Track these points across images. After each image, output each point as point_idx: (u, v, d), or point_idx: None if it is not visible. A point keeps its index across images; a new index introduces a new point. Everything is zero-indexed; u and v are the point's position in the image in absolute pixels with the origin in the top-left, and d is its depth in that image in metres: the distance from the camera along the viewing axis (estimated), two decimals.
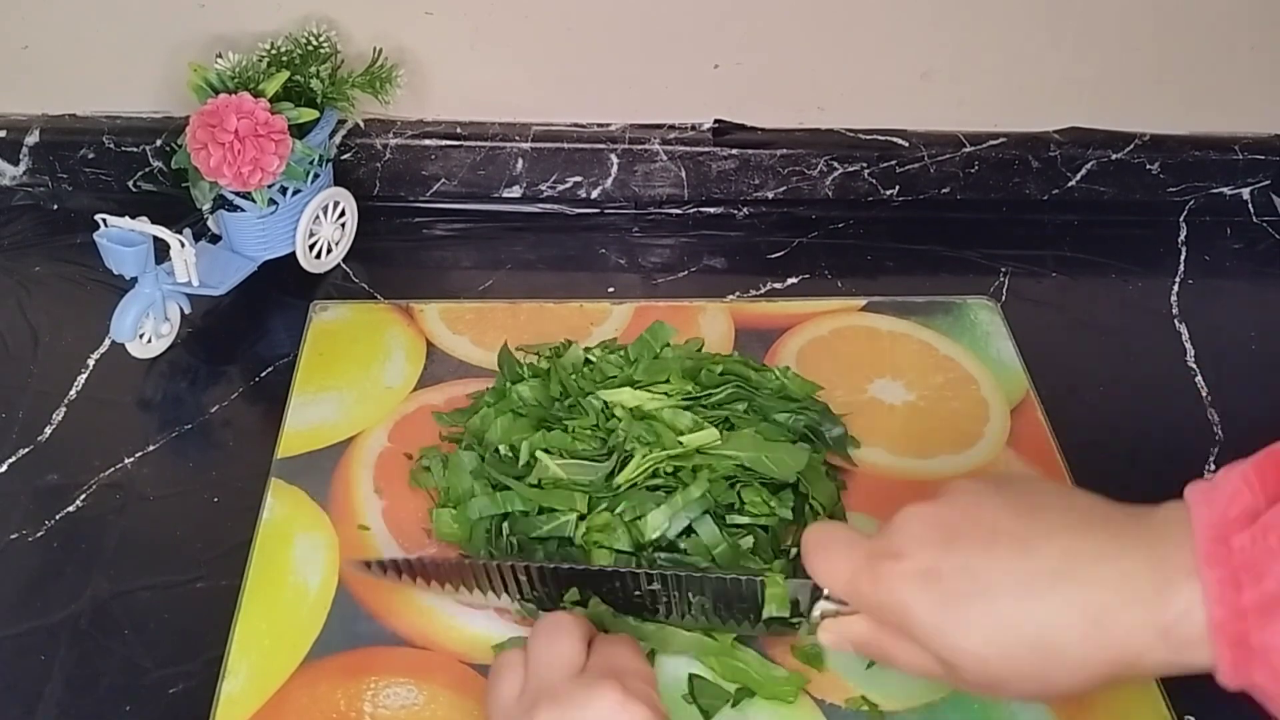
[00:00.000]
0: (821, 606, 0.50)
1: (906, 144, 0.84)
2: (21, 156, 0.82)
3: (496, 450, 0.61)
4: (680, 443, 0.59)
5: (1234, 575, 0.39)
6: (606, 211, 0.85)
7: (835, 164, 0.84)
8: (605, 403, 0.62)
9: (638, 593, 0.54)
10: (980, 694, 0.47)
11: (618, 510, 0.57)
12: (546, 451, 0.60)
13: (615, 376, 0.65)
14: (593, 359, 0.67)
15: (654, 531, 0.57)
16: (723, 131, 0.84)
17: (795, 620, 0.52)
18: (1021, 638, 0.43)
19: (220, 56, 0.72)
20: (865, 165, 0.84)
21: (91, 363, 0.71)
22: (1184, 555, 0.41)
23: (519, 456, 0.60)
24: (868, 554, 0.47)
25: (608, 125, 0.83)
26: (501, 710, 0.47)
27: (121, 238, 0.67)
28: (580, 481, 0.59)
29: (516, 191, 0.85)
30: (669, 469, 0.59)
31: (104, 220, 0.68)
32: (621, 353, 0.68)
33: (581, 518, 0.58)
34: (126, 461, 0.65)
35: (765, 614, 0.52)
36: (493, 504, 0.58)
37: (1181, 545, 0.41)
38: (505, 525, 0.59)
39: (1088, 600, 0.42)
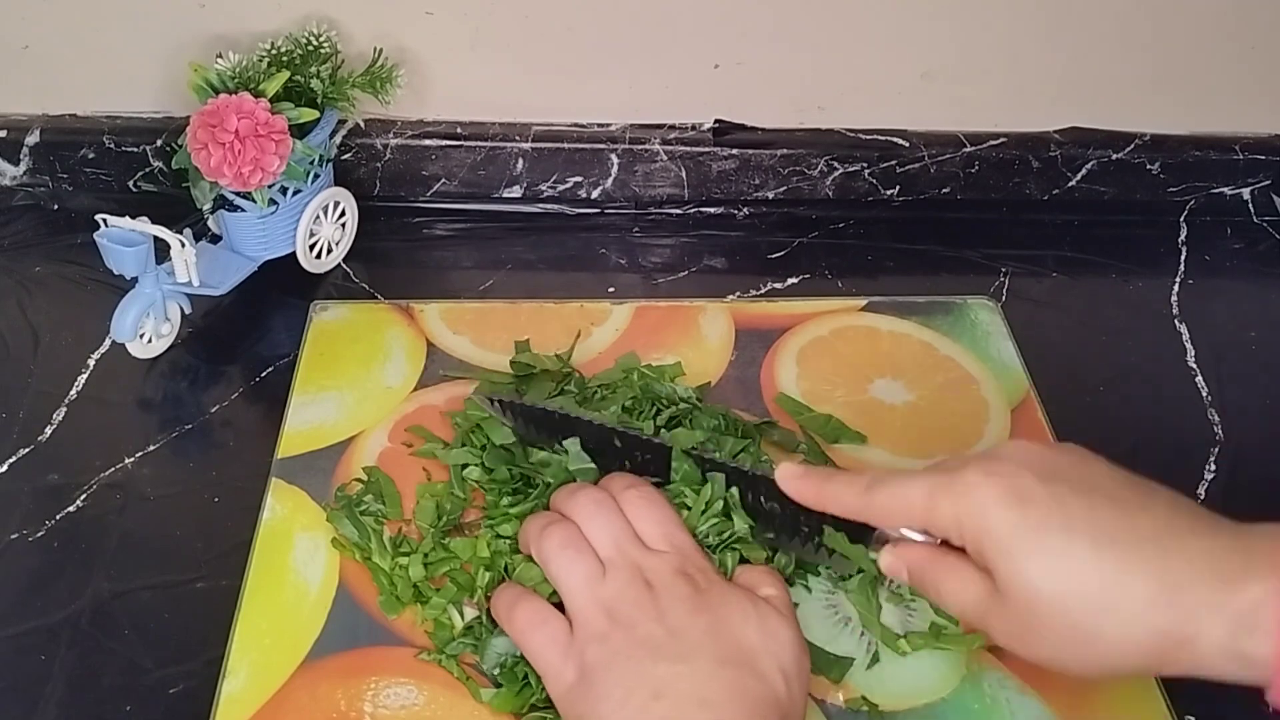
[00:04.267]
0: (883, 532, 0.51)
1: (906, 144, 0.84)
2: (22, 156, 0.82)
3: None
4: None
5: None
6: (607, 211, 0.85)
7: (835, 164, 0.84)
8: None
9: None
10: (1009, 645, 0.46)
11: None
12: None
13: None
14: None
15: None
16: (723, 131, 0.84)
17: (855, 543, 0.53)
18: (1085, 583, 0.42)
19: (220, 56, 0.72)
20: (865, 165, 0.84)
21: (92, 363, 0.71)
22: (1271, 550, 0.41)
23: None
24: (951, 470, 0.47)
25: (608, 125, 0.83)
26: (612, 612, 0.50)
27: (122, 238, 0.67)
28: None
29: (517, 191, 0.85)
30: None
31: (104, 220, 0.68)
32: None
33: None
34: (127, 461, 0.65)
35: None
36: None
37: (1271, 542, 0.41)
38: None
39: (1166, 567, 0.41)
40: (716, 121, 0.84)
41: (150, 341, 0.71)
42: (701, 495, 0.56)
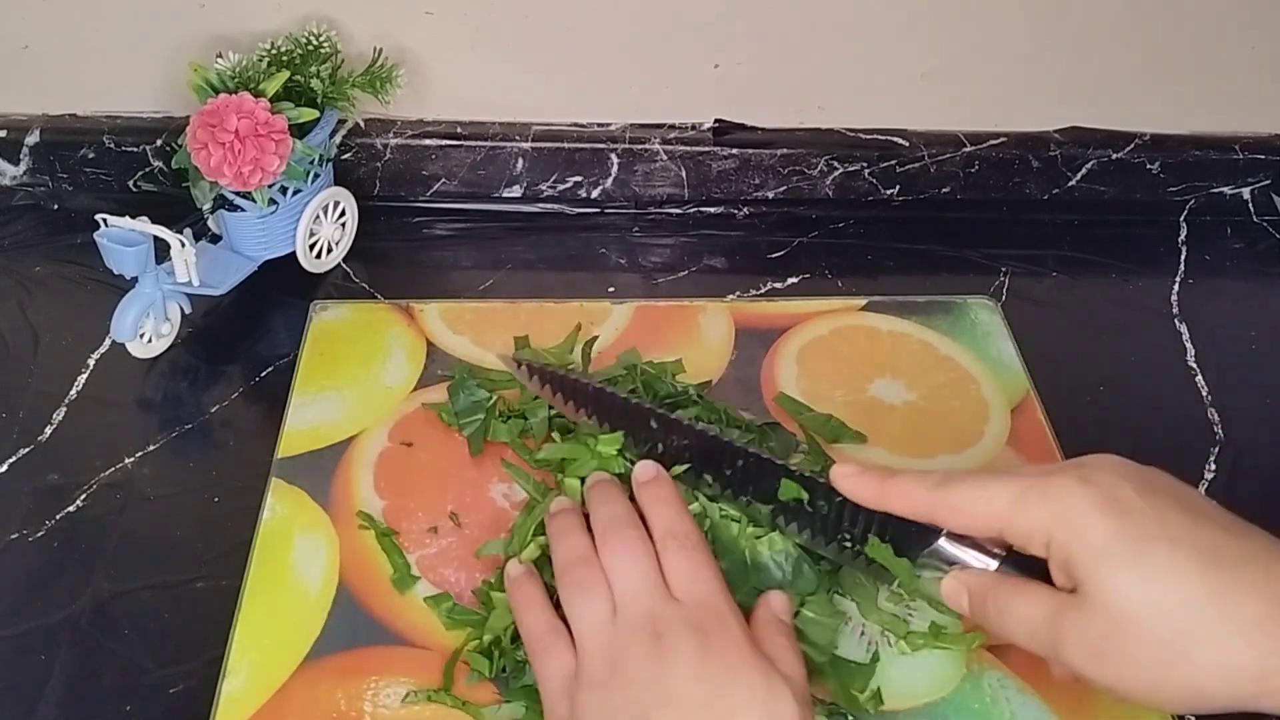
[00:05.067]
0: (940, 549, 0.49)
1: (906, 144, 0.84)
2: (22, 156, 0.82)
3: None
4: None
5: None
6: (607, 211, 0.85)
7: (835, 164, 0.84)
8: None
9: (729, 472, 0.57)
10: (1084, 665, 0.43)
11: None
12: None
13: None
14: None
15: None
16: (723, 131, 0.84)
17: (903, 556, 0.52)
18: (1187, 598, 0.40)
19: (220, 56, 0.72)
20: (865, 165, 0.84)
21: (92, 363, 0.71)
22: None
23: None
24: (1041, 474, 0.45)
25: (608, 125, 0.83)
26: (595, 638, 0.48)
27: (122, 238, 0.67)
28: None
29: (517, 191, 0.85)
30: None
31: (104, 220, 0.68)
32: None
33: None
34: (127, 461, 0.65)
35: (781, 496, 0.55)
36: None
37: None
38: None
39: (1274, 589, 0.40)
40: (716, 121, 0.84)
41: (150, 341, 0.71)
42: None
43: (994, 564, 0.48)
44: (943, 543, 0.50)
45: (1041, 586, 0.45)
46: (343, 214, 0.79)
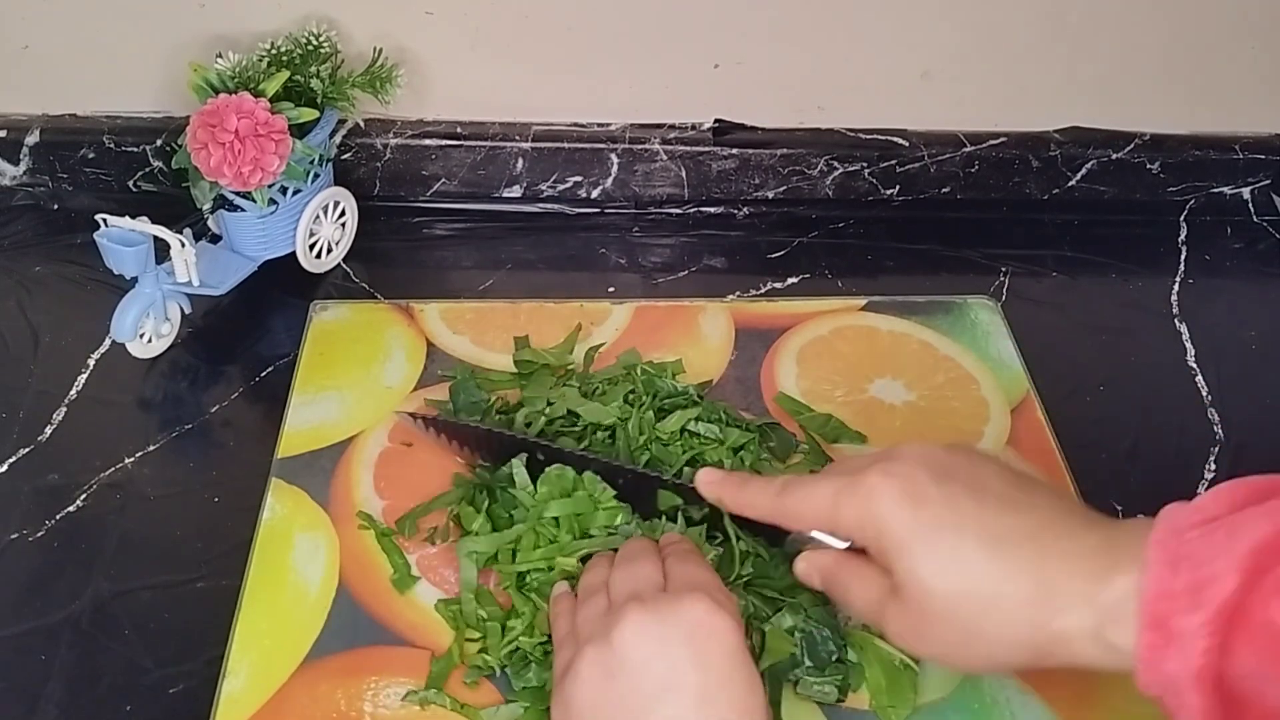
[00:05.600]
0: (798, 534, 0.52)
1: (906, 144, 0.84)
2: (22, 156, 0.82)
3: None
4: None
5: (1174, 560, 0.41)
6: (607, 211, 0.85)
7: (835, 164, 0.84)
8: None
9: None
10: (902, 643, 0.48)
11: None
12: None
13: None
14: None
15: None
16: (723, 131, 0.84)
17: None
18: (972, 583, 0.44)
19: (220, 56, 0.72)
20: (865, 165, 0.84)
21: (92, 363, 0.71)
22: (1140, 546, 0.42)
23: None
24: (853, 472, 0.48)
25: (608, 125, 0.83)
26: (585, 626, 0.49)
27: (122, 238, 0.67)
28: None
29: (516, 191, 0.85)
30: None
31: (104, 220, 0.68)
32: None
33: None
34: (127, 461, 0.65)
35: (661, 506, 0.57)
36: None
37: (1141, 538, 0.42)
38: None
39: (1043, 565, 0.44)
40: (716, 121, 0.84)
41: (150, 341, 0.71)
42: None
43: (843, 545, 0.51)
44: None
45: (873, 570, 0.48)
46: (343, 214, 0.79)
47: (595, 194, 0.85)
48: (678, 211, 0.85)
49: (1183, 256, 0.83)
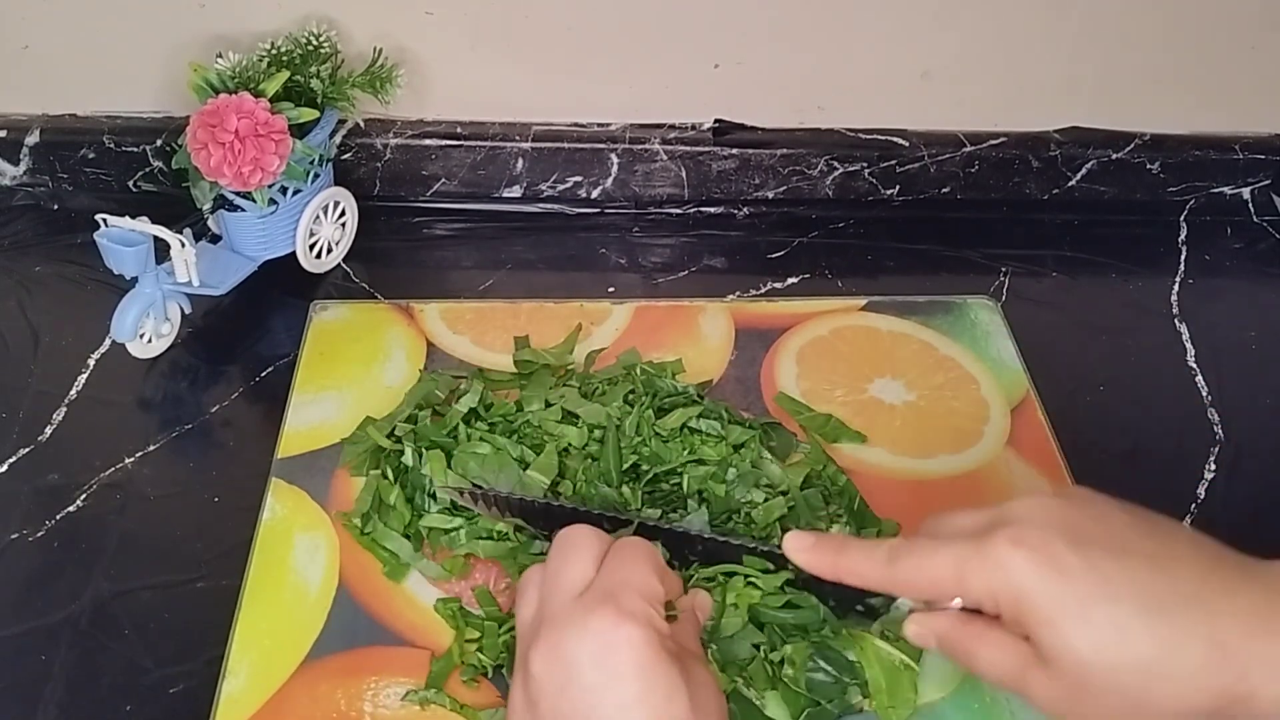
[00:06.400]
0: (903, 603, 0.49)
1: (906, 144, 0.84)
2: (21, 156, 0.82)
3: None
4: None
5: None
6: (607, 211, 0.85)
7: (835, 164, 0.84)
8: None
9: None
10: (1053, 713, 0.45)
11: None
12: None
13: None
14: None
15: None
16: (723, 131, 0.84)
17: (874, 605, 0.51)
18: (1137, 654, 0.42)
19: (220, 56, 0.72)
20: (865, 165, 0.84)
21: (92, 363, 0.71)
22: None
23: None
24: (976, 540, 0.45)
25: (608, 125, 0.83)
26: (522, 634, 0.47)
27: (122, 238, 0.67)
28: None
29: (517, 191, 0.85)
30: None
31: (104, 220, 0.68)
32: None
33: None
34: (127, 461, 0.65)
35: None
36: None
37: None
38: None
39: (1214, 627, 0.41)
40: (716, 121, 0.84)
41: (150, 341, 0.71)
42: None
43: (957, 602, 0.48)
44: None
45: (1005, 637, 0.46)
46: (343, 214, 0.79)
47: (595, 194, 0.85)
48: (678, 211, 0.85)
49: (1183, 256, 0.83)
